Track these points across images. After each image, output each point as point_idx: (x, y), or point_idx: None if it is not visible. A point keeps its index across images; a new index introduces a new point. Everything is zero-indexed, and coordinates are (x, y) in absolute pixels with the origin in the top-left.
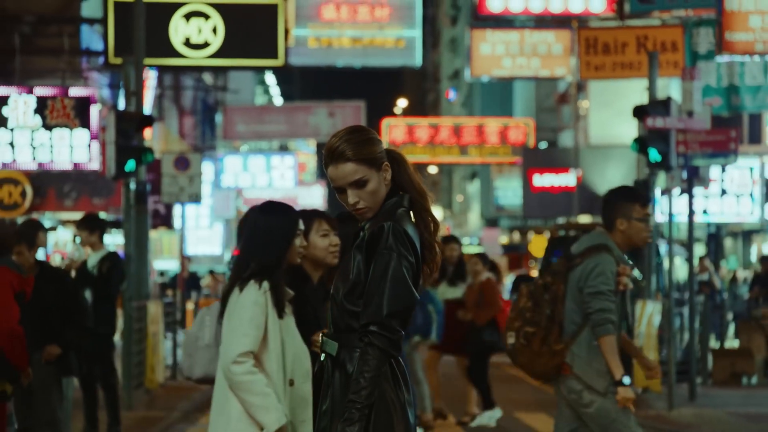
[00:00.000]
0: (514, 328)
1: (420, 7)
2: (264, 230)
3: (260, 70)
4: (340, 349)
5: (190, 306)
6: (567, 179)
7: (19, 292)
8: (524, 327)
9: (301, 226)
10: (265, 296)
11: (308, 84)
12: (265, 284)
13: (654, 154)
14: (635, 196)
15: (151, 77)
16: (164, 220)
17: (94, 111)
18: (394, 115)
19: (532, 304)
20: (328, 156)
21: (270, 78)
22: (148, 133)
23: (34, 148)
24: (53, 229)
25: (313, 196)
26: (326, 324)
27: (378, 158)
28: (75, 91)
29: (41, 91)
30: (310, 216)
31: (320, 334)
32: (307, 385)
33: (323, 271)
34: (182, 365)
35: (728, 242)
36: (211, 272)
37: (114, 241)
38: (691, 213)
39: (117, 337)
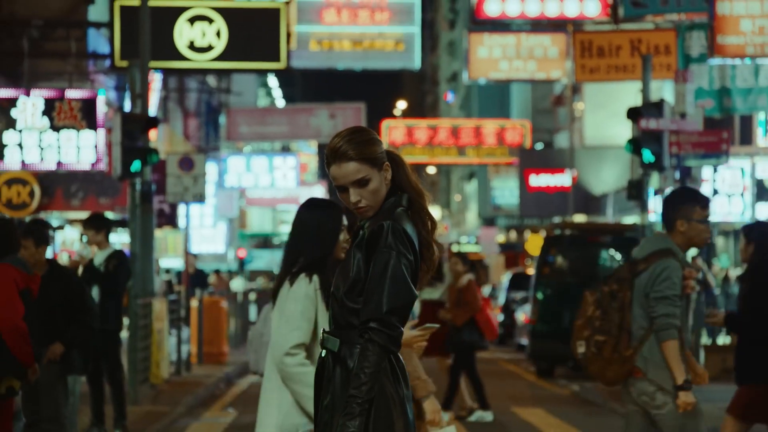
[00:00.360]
0: (583, 337)
1: (419, 11)
2: (311, 226)
3: (263, 73)
4: (341, 345)
5: (194, 303)
6: (562, 179)
7: (24, 290)
8: (594, 336)
9: (345, 221)
10: (316, 290)
11: (310, 86)
12: (315, 278)
13: (647, 155)
14: (695, 198)
15: (156, 80)
16: (169, 219)
17: (101, 112)
18: (393, 116)
19: (600, 312)
20: (332, 155)
21: (272, 80)
22: (153, 134)
23: (41, 149)
24: (61, 228)
25: (315, 196)
26: None
27: (379, 158)
28: (81, 93)
29: (49, 93)
30: None
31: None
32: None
33: None
34: (249, 361)
35: (720, 241)
36: (217, 272)
37: (120, 239)
38: None
39: (123, 334)
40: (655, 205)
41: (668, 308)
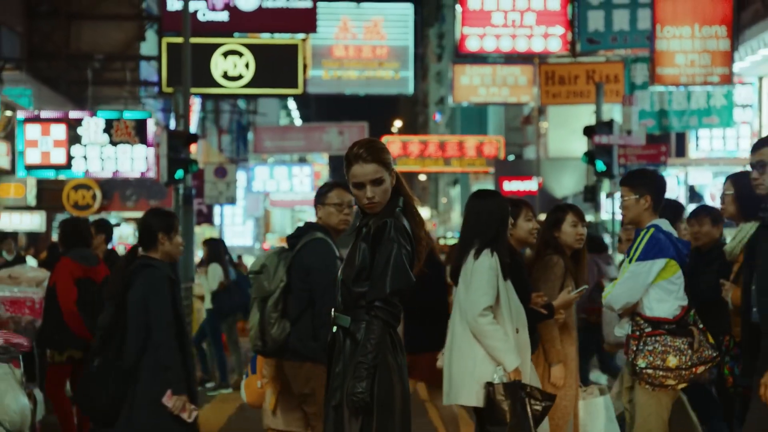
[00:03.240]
0: None
1: (412, 47)
2: (480, 212)
3: (283, 97)
4: (351, 322)
5: None
6: (530, 185)
7: (83, 279)
8: None
9: (509, 206)
10: (497, 262)
11: (322, 108)
12: (495, 253)
13: (600, 165)
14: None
15: (196, 103)
16: (206, 218)
17: (150, 130)
18: (391, 133)
19: None
20: (354, 157)
21: (291, 103)
22: (193, 148)
23: (102, 160)
24: (117, 225)
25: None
26: (533, 286)
27: (390, 164)
28: (135, 114)
29: (108, 114)
30: (518, 204)
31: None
32: (526, 333)
33: (522, 247)
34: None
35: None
36: (239, 257)
37: None
38: None
39: None
40: (606, 207)
41: None
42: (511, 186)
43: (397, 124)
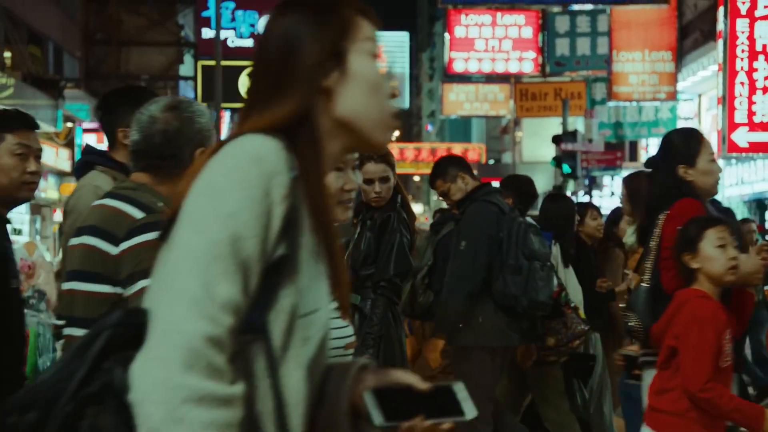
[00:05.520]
0: None
1: (408, 68)
2: (550, 210)
3: None
4: (360, 300)
5: None
6: None
7: None
8: None
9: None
10: (558, 251)
11: None
12: (558, 244)
13: (566, 168)
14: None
15: (225, 116)
16: None
17: None
18: (389, 141)
19: None
20: (367, 157)
21: None
22: None
23: None
24: None
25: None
26: (598, 273)
27: (394, 166)
28: None
29: None
30: (585, 206)
31: (604, 281)
32: (581, 311)
33: (592, 240)
34: None
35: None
36: None
37: None
38: None
39: None
40: None
41: None
42: None
43: (395, 133)
